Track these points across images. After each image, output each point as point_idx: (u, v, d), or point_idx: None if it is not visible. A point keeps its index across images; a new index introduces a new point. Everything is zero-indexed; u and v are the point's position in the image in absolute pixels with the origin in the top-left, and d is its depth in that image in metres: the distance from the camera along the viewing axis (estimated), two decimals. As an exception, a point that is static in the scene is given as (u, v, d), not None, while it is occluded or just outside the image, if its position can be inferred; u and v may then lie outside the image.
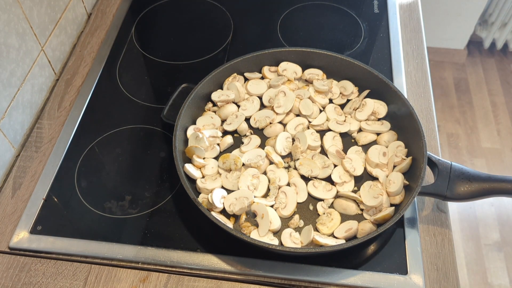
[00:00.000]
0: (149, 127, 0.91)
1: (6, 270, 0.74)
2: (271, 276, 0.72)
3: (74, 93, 0.96)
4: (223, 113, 0.87)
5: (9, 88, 0.84)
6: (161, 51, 1.04)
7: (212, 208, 0.75)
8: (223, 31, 1.08)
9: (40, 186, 0.82)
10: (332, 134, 0.85)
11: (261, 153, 0.81)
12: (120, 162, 0.86)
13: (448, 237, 0.77)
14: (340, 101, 0.90)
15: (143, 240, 0.76)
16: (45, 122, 0.92)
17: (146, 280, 0.72)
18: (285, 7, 1.12)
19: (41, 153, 0.87)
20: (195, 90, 0.85)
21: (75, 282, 0.72)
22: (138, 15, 1.12)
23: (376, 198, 0.75)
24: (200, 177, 0.79)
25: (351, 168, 0.79)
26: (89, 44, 1.05)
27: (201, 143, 0.81)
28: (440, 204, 0.80)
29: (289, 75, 0.91)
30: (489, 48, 2.37)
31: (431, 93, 0.96)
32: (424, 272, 0.73)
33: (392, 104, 0.86)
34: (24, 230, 0.77)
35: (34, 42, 0.91)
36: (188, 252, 0.74)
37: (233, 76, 0.91)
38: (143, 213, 0.79)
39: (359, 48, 1.04)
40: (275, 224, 0.73)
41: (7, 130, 0.85)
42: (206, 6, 1.13)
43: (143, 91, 0.97)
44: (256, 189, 0.78)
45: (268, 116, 0.86)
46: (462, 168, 0.75)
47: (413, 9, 1.13)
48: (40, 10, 0.92)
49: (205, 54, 1.03)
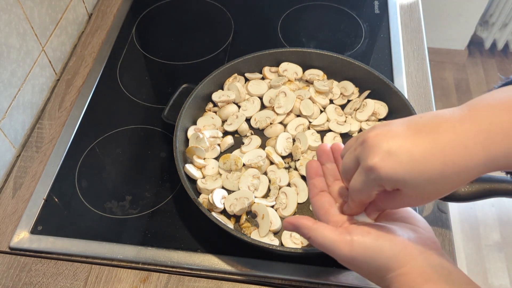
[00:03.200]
0: (150, 127, 0.91)
1: (7, 270, 0.74)
2: (271, 276, 0.72)
3: (75, 93, 0.96)
4: (224, 113, 0.87)
5: (9, 88, 0.84)
6: (162, 51, 1.04)
7: (212, 208, 0.75)
8: (223, 32, 1.08)
9: (41, 186, 0.82)
10: (332, 134, 0.85)
11: (262, 154, 0.81)
12: (120, 162, 0.86)
13: (448, 237, 0.77)
14: (340, 102, 0.90)
15: (143, 240, 0.76)
16: (46, 122, 0.92)
17: (146, 280, 0.72)
18: (285, 8, 1.12)
19: (41, 153, 0.87)
20: (196, 90, 0.85)
21: (76, 282, 0.72)
22: (139, 15, 1.12)
23: (376, 199, 0.75)
24: (200, 177, 0.79)
25: (351, 168, 0.78)
26: (89, 44, 1.05)
27: (202, 143, 0.81)
28: (441, 204, 0.80)
29: (289, 76, 0.91)
30: (489, 49, 2.36)
31: (431, 94, 0.96)
32: (425, 273, 0.73)
33: (392, 105, 0.86)
34: (24, 230, 0.77)
35: (35, 42, 0.91)
36: (188, 252, 0.74)
37: (234, 77, 0.91)
38: (144, 213, 0.79)
39: (360, 48, 1.04)
40: (275, 225, 0.73)
41: (7, 130, 0.85)
42: (206, 7, 1.13)
43: (144, 92, 0.97)
44: (257, 189, 0.78)
45: (268, 117, 0.86)
46: (462, 169, 0.74)
47: (413, 10, 1.13)
48: (40, 10, 0.92)
49: (206, 55, 1.03)
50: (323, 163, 0.54)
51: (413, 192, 0.43)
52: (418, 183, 0.42)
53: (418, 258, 0.45)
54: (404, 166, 0.41)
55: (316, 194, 0.53)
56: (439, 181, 0.41)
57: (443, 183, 0.42)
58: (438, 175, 0.41)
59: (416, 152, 0.41)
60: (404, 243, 0.45)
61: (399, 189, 0.43)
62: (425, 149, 0.41)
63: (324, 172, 0.54)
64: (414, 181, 0.41)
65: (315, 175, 0.54)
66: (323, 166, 0.54)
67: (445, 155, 0.40)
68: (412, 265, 0.44)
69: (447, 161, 0.40)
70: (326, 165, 0.54)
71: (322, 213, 0.52)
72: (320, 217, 0.52)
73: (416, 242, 0.46)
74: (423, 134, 0.42)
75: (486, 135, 0.40)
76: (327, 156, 0.54)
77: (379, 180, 0.43)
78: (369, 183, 0.44)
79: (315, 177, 0.54)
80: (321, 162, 0.55)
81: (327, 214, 0.51)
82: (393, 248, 0.45)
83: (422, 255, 0.45)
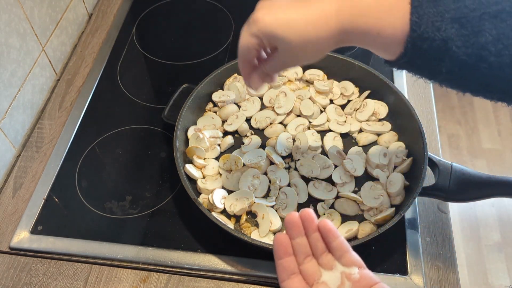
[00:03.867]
0: (150, 127, 0.91)
1: (7, 270, 0.74)
2: (271, 276, 0.72)
3: (75, 93, 0.96)
4: (224, 113, 0.87)
5: (10, 88, 0.84)
6: (162, 51, 1.04)
7: (212, 208, 0.75)
8: (224, 32, 1.08)
9: (41, 186, 0.82)
10: (332, 134, 0.85)
11: (262, 154, 0.81)
12: (120, 163, 0.86)
13: (448, 237, 0.77)
14: (340, 102, 0.90)
15: (143, 240, 0.76)
16: (46, 122, 0.92)
17: (146, 281, 0.72)
18: (285, 8, 1.12)
19: (41, 153, 0.87)
20: (196, 90, 0.85)
21: (76, 282, 0.72)
22: (139, 15, 1.12)
23: (376, 199, 0.75)
24: (200, 177, 0.79)
25: (351, 168, 0.78)
26: (90, 45, 1.05)
27: (202, 143, 0.81)
28: (441, 204, 0.80)
29: (289, 76, 0.91)
30: (490, 49, 2.36)
31: (432, 94, 0.96)
32: (425, 273, 0.73)
33: (392, 105, 0.86)
34: (24, 230, 0.77)
35: (35, 42, 0.91)
36: (188, 253, 0.74)
37: (234, 77, 0.91)
38: (144, 213, 0.79)
39: (360, 48, 1.03)
40: (275, 225, 0.73)
41: (8, 130, 0.85)
42: (207, 7, 1.13)
43: (144, 92, 0.97)
44: (257, 189, 0.77)
45: (268, 117, 0.86)
46: (462, 169, 0.75)
47: (414, 10, 1.13)
48: (41, 10, 0.92)
49: (206, 55, 1.03)
50: (292, 238, 0.51)
51: (285, 48, 0.53)
52: (288, 40, 0.52)
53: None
54: (278, 21, 0.52)
55: (287, 278, 0.50)
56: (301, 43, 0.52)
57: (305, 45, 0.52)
58: (302, 35, 0.52)
59: (289, 14, 0.52)
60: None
61: (277, 47, 0.54)
62: (297, 13, 0.52)
63: (294, 248, 0.51)
64: (282, 37, 0.52)
65: (284, 255, 0.50)
66: (292, 241, 0.51)
67: (308, 20, 0.51)
68: None
69: (309, 25, 0.51)
70: (296, 240, 0.51)
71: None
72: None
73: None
74: (299, 4, 0.52)
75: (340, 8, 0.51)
76: (297, 229, 0.51)
77: (259, 32, 0.53)
78: (252, 37, 0.54)
79: (285, 256, 0.50)
80: (291, 236, 0.51)
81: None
82: None
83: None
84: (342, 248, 0.50)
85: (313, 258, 0.51)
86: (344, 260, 0.49)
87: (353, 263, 0.49)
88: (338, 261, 0.50)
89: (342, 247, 0.50)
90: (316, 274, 0.50)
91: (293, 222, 0.51)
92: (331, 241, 0.50)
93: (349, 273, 0.48)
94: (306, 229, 0.51)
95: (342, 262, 0.49)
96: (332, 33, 0.51)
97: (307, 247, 0.51)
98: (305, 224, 0.51)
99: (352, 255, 0.50)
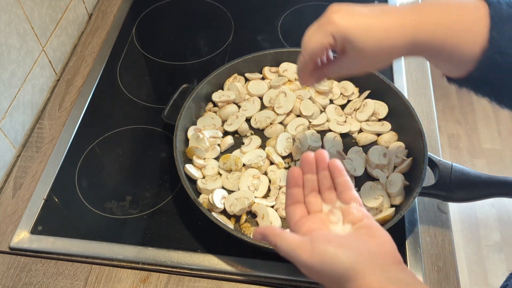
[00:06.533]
0: (150, 127, 0.91)
1: (7, 270, 0.74)
2: (271, 276, 0.72)
3: (75, 93, 0.96)
4: (224, 113, 0.87)
5: (10, 88, 0.84)
6: (162, 51, 1.04)
7: (212, 208, 0.75)
8: (223, 32, 1.08)
9: (41, 186, 0.82)
10: (332, 134, 0.85)
11: (262, 154, 0.81)
12: (120, 163, 0.86)
13: (448, 237, 0.77)
14: (340, 102, 0.90)
15: (143, 241, 0.76)
16: (46, 122, 0.92)
17: (146, 281, 0.72)
18: (285, 8, 1.12)
19: (41, 153, 0.87)
20: (196, 90, 0.85)
21: (76, 282, 0.72)
22: (139, 15, 1.12)
23: (376, 199, 0.75)
24: (200, 177, 0.79)
25: (351, 168, 0.78)
26: (90, 45, 1.05)
27: (202, 143, 0.81)
28: (441, 204, 0.80)
29: (289, 76, 0.91)
30: (490, 49, 2.36)
31: (431, 94, 0.96)
32: (425, 273, 0.73)
33: (392, 105, 0.86)
34: (24, 230, 0.77)
35: (35, 42, 0.91)
36: (188, 253, 0.74)
37: (234, 77, 0.91)
38: (144, 213, 0.79)
39: (360, 48, 1.03)
40: (275, 225, 0.73)
41: (8, 130, 0.85)
42: (206, 7, 1.13)
43: (144, 92, 0.97)
44: (257, 189, 0.78)
45: (268, 117, 0.86)
46: (462, 169, 0.74)
47: (413, 10, 1.13)
48: (41, 10, 0.92)
49: (206, 55, 1.03)
50: (304, 173, 0.55)
51: (355, 54, 0.55)
52: (363, 44, 0.53)
53: (377, 272, 0.45)
54: (358, 26, 0.54)
55: (291, 204, 0.54)
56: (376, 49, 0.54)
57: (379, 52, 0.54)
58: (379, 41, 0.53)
59: (369, 20, 0.54)
60: (364, 256, 0.46)
61: (345, 50, 0.55)
62: (376, 20, 0.54)
63: (304, 181, 0.55)
64: (358, 41, 0.53)
65: (294, 185, 0.55)
66: (304, 176, 0.55)
67: (387, 29, 0.53)
68: (371, 278, 0.45)
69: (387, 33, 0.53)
70: (307, 175, 0.55)
71: (292, 223, 0.54)
72: (291, 226, 0.54)
73: (376, 255, 0.47)
74: (378, 13, 0.54)
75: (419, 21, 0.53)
76: (310, 166, 0.55)
77: (337, 33, 0.54)
78: (327, 37, 0.55)
79: (294, 187, 0.55)
80: (303, 171, 0.55)
81: (297, 225, 0.53)
82: (351, 259, 0.46)
83: (381, 268, 0.46)
84: (345, 185, 0.53)
85: (318, 193, 0.55)
86: (344, 196, 0.53)
87: (352, 199, 0.52)
88: (339, 196, 0.53)
89: (346, 184, 0.53)
90: (316, 204, 0.54)
91: (307, 160, 0.55)
92: (336, 177, 0.54)
93: (346, 208, 0.52)
94: (317, 167, 0.55)
95: (342, 197, 0.53)
96: (406, 43, 0.53)
97: (315, 183, 0.55)
98: (317, 162, 0.55)
99: (353, 192, 0.53)
